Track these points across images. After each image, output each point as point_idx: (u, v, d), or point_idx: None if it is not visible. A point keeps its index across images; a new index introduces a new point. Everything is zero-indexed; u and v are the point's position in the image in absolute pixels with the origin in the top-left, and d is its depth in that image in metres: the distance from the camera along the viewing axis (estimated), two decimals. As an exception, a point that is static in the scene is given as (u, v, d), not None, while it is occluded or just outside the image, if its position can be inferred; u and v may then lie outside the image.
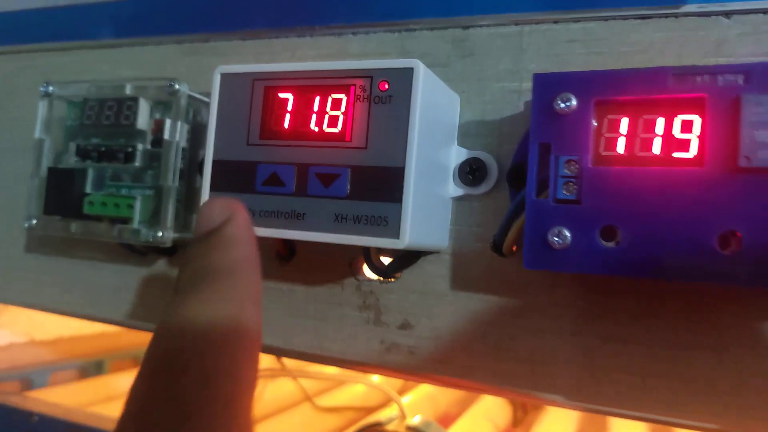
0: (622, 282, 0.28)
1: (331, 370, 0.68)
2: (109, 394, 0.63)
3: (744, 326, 0.26)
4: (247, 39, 0.37)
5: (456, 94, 0.31)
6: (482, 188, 0.31)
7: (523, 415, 0.68)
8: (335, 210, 0.27)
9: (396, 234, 0.26)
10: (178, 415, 0.19)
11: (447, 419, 0.66)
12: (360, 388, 0.72)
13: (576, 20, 0.30)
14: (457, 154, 0.31)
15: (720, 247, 0.24)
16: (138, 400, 0.20)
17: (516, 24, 0.31)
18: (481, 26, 0.32)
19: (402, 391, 0.71)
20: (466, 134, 0.32)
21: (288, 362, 0.65)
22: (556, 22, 0.31)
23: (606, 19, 0.30)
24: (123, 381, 0.67)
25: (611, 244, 0.25)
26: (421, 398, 0.71)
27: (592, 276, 0.28)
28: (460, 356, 0.31)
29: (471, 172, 0.31)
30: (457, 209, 0.32)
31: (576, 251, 0.26)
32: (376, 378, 0.75)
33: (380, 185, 0.27)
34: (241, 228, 0.24)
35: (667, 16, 0.29)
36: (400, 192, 0.26)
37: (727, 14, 0.28)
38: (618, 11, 0.30)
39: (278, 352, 0.35)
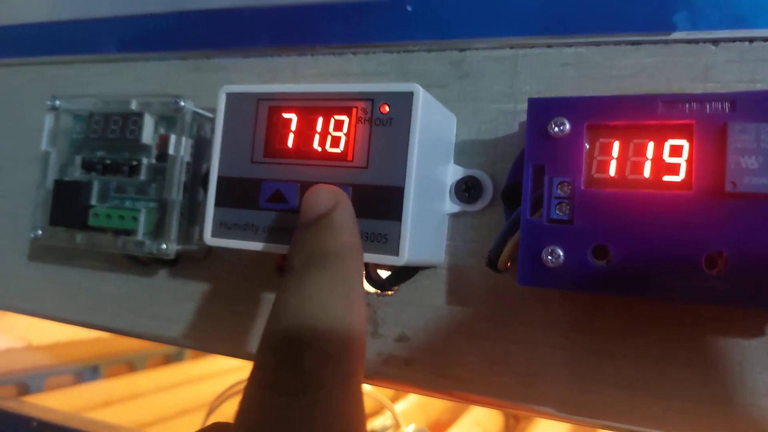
0: (613, 298, 0.29)
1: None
2: (105, 399, 0.64)
3: (729, 343, 0.27)
4: (250, 56, 0.38)
5: (453, 114, 0.33)
6: (478, 205, 0.32)
7: (514, 423, 0.69)
8: (337, 227, 0.28)
9: (395, 251, 0.27)
10: (303, 386, 0.21)
11: (439, 427, 0.67)
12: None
13: (569, 45, 0.31)
14: (453, 172, 0.32)
15: (707, 267, 0.25)
16: (265, 371, 0.22)
17: (511, 47, 0.32)
18: (477, 49, 0.33)
19: (394, 399, 0.72)
20: (463, 153, 0.33)
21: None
22: (549, 46, 0.32)
23: (598, 44, 0.31)
24: (118, 386, 0.68)
25: (602, 263, 0.26)
26: (414, 406, 0.72)
27: (583, 292, 0.29)
28: (454, 368, 0.32)
29: (467, 189, 0.32)
30: (453, 225, 0.33)
31: (568, 269, 0.27)
32: (368, 386, 0.75)
33: (380, 204, 0.28)
34: (348, 215, 0.26)
35: (657, 42, 0.30)
36: (400, 210, 0.27)
37: (715, 42, 0.29)
38: (610, 37, 0.31)
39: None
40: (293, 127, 0.29)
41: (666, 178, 0.26)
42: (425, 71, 0.34)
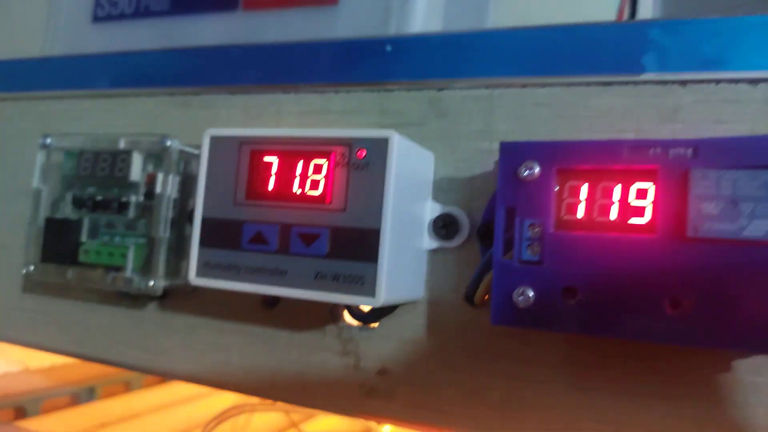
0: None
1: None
2: (101, 420, 0.65)
3: (698, 378, 0.28)
4: (235, 93, 0.39)
5: (430, 153, 0.33)
6: (455, 242, 0.33)
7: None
8: (316, 268, 0.29)
9: (372, 293, 0.28)
10: None
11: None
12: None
13: (542, 85, 0.32)
14: (431, 209, 0.33)
15: (670, 309, 0.26)
16: None
17: (487, 87, 0.33)
18: (454, 89, 0.34)
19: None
20: (440, 190, 0.34)
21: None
22: (524, 86, 0.33)
23: (570, 84, 0.32)
24: (115, 406, 0.69)
25: (571, 304, 0.27)
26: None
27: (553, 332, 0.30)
28: (434, 401, 0.32)
29: (444, 226, 0.33)
30: (433, 260, 0.33)
31: (538, 310, 0.28)
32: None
33: (358, 246, 0.29)
34: None
35: (626, 83, 0.31)
36: (376, 252, 0.28)
37: (683, 83, 0.30)
38: (581, 78, 0.32)
39: (264, 394, 0.37)
40: (274, 170, 0.30)
41: (632, 221, 0.27)
42: (404, 110, 0.35)
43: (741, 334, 0.25)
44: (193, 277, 0.32)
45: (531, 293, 0.28)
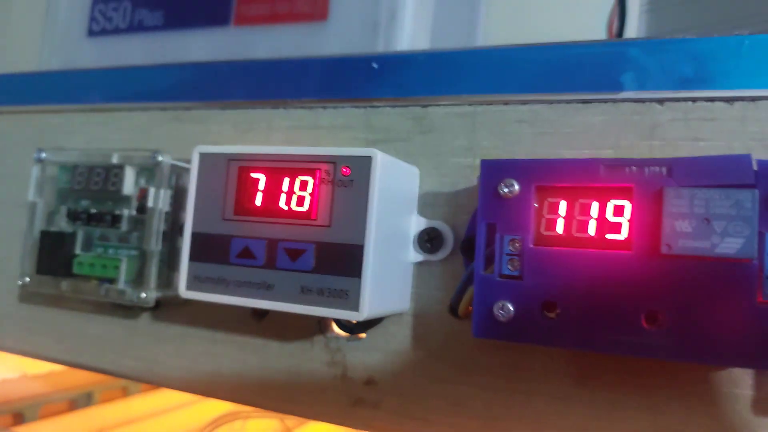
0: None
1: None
2: (99, 425, 0.65)
3: (677, 390, 0.29)
4: (226, 108, 0.40)
5: (415, 168, 0.34)
6: (440, 255, 0.34)
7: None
8: (301, 283, 0.30)
9: (356, 307, 0.29)
10: None
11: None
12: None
13: (524, 102, 0.33)
14: (417, 223, 0.34)
15: (646, 324, 0.26)
16: None
17: (470, 104, 0.34)
18: (438, 105, 0.35)
19: None
20: (425, 204, 0.34)
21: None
22: (506, 103, 0.33)
23: (551, 102, 0.33)
24: (112, 411, 0.69)
25: (551, 318, 0.28)
26: None
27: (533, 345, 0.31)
28: (420, 411, 0.33)
29: (429, 240, 0.34)
30: (419, 273, 0.34)
31: (518, 323, 0.28)
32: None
33: (342, 261, 0.29)
34: None
35: (606, 101, 0.32)
36: (360, 267, 0.29)
37: (660, 101, 0.31)
38: (562, 95, 0.33)
39: (253, 403, 0.37)
40: (261, 186, 0.31)
41: (609, 236, 0.28)
42: (390, 126, 0.36)
43: (714, 349, 0.25)
44: (183, 291, 0.32)
45: (511, 307, 0.28)
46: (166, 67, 0.42)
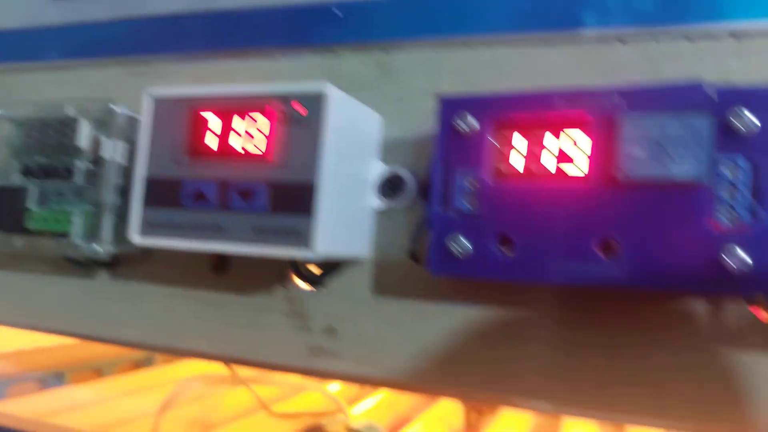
0: (528, 285, 0.30)
1: (286, 378, 0.70)
2: (69, 404, 0.64)
3: (634, 326, 0.29)
4: (186, 61, 0.39)
5: (377, 114, 0.34)
6: (402, 202, 0.33)
7: (477, 418, 0.70)
8: (255, 223, 0.29)
9: (309, 245, 0.28)
10: None
11: (403, 422, 0.68)
12: (317, 394, 0.73)
13: (488, 45, 0.33)
14: (378, 170, 0.33)
15: (602, 252, 0.26)
16: None
17: (433, 49, 0.33)
18: (400, 50, 0.34)
19: (359, 397, 0.73)
20: (388, 151, 0.34)
21: (245, 371, 0.67)
22: (469, 46, 0.33)
23: (515, 44, 0.32)
24: (83, 392, 0.68)
25: (507, 252, 0.27)
26: (379, 404, 0.73)
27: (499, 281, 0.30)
28: (380, 358, 0.33)
29: (391, 186, 0.33)
30: (381, 221, 0.33)
31: (476, 259, 0.28)
32: (337, 386, 0.76)
33: (295, 200, 0.29)
34: None
35: (568, 42, 0.31)
36: (312, 205, 0.28)
37: (623, 40, 0.30)
38: (524, 36, 0.32)
39: (214, 358, 0.37)
40: (212, 126, 0.30)
41: (565, 168, 0.27)
42: (352, 72, 0.35)
43: (667, 274, 0.25)
44: (136, 237, 0.31)
45: (468, 243, 0.28)
46: (124, 22, 0.41)
